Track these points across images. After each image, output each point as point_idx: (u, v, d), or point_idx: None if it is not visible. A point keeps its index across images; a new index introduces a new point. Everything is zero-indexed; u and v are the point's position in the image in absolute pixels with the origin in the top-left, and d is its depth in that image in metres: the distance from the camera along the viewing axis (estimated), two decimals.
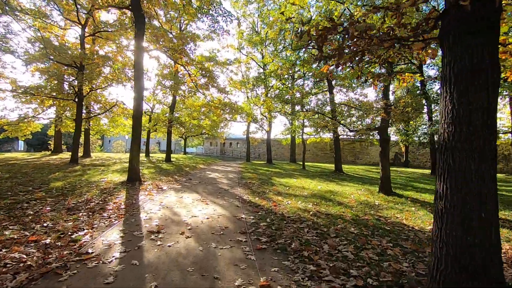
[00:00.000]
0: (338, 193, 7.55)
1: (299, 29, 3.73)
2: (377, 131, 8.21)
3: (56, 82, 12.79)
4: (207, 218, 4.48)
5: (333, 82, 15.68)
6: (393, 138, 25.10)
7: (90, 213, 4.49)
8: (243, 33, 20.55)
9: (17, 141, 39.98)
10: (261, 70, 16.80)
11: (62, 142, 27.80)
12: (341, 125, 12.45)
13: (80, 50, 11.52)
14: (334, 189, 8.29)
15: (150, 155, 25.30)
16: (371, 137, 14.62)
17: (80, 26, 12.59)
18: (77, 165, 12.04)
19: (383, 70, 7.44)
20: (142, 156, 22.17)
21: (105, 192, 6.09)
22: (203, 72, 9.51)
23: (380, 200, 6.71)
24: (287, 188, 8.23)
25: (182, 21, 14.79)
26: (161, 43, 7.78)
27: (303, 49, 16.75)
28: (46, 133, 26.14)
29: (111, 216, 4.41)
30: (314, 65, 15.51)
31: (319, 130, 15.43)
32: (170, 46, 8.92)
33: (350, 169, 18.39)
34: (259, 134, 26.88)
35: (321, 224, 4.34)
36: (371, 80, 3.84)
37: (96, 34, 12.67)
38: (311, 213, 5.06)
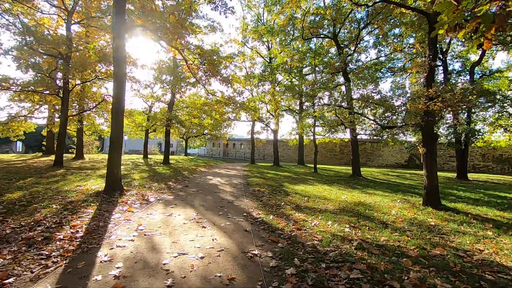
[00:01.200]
0: (372, 207, 5.90)
1: None
2: (418, 127, 6.55)
3: (40, 75, 11.40)
4: (202, 258, 2.89)
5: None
6: (407, 138, 23.17)
7: (24, 247, 2.94)
8: (247, 27, 19.07)
9: (15, 141, 39.12)
10: (267, 68, 15.22)
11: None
12: (362, 123, 10.82)
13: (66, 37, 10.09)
14: (364, 200, 6.64)
15: (149, 156, 23.89)
16: (395, 136, 12.96)
17: (66, 13, 11.22)
18: (61, 169, 10.60)
19: None
20: (139, 158, 20.75)
21: (68, 208, 4.55)
22: (204, 61, 7.94)
23: (434, 218, 5.05)
24: (306, 199, 6.61)
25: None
26: (149, 18, 6.26)
27: (314, 39, 15.16)
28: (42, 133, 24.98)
29: (53, 253, 2.85)
30: (326, 59, 13.92)
31: (332, 129, 13.80)
32: (161, 24, 7.34)
33: (365, 172, 16.67)
34: (264, 135, 25.28)
35: (381, 269, 2.72)
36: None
37: (83, 21, 11.26)
38: (354, 244, 3.44)
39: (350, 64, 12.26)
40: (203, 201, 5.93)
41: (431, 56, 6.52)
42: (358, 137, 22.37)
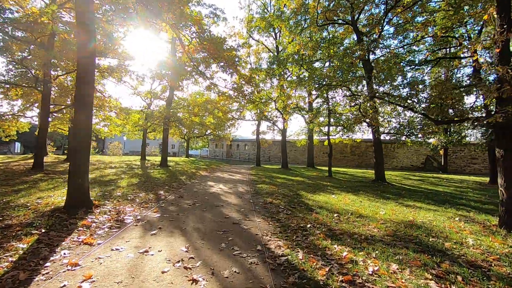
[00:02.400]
0: (431, 230, 4.25)
1: None
2: (491, 122, 4.86)
3: (15, 65, 10.00)
4: None
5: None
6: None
7: None
8: (252, 18, 17.54)
9: (14, 142, 38.17)
10: (275, 60, 13.62)
11: (52, 143, 25.39)
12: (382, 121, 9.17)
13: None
14: (414, 219, 4.98)
15: (148, 158, 22.45)
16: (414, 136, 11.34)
17: None
18: (39, 173, 9.15)
19: None
20: (137, 160, 19.31)
21: None
22: (204, 42, 6.36)
23: None
24: (336, 216, 4.97)
25: None
26: None
27: (328, 29, 13.53)
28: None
29: None
30: (342, 48, 12.27)
31: (351, 127, 12.14)
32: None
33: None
34: (269, 135, 23.68)
35: None
36: None
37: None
38: None
39: (374, 51, 10.60)
40: (199, 221, 4.34)
41: (504, 26, 4.86)
42: (368, 137, 20.64)
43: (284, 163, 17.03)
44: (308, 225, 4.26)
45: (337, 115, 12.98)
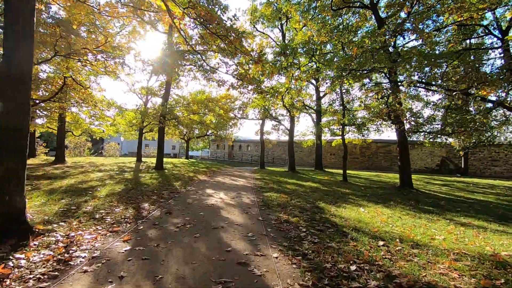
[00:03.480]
0: None
1: None
2: None
3: None
4: None
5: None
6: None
7: None
8: (256, 8, 16.15)
9: None
10: (284, 49, 12.16)
11: (45, 144, 24.15)
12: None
13: None
14: (497, 251, 3.49)
15: (144, 159, 21.09)
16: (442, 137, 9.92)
17: None
18: None
19: None
20: (131, 162, 17.95)
21: None
22: (199, 17, 4.93)
23: None
24: (383, 246, 3.49)
25: None
26: None
27: (343, 16, 12.06)
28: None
29: None
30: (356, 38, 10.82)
31: (371, 124, 10.67)
32: None
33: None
34: (273, 135, 22.20)
35: None
36: None
37: None
38: None
39: (403, 35, 9.09)
40: (187, 260, 2.88)
41: None
42: (379, 138, 18.98)
43: (291, 165, 15.56)
44: (353, 267, 2.79)
45: (353, 112, 11.49)
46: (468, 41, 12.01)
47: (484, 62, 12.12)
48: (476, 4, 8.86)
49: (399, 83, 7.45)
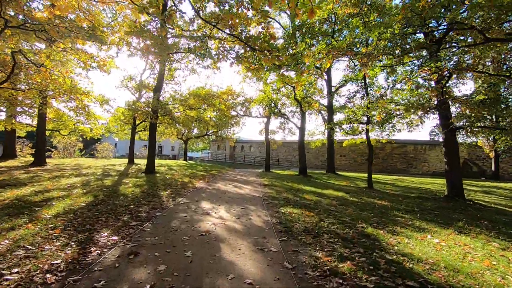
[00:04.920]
0: None
1: None
2: None
3: None
4: None
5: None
6: (461, 138, 17.56)
7: None
8: None
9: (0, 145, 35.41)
10: (299, 29, 10.23)
11: (31, 145, 22.31)
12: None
13: None
14: None
15: (137, 161, 19.18)
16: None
17: None
18: None
19: None
20: (122, 164, 16.06)
21: None
22: None
23: None
24: None
25: None
26: None
27: None
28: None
29: None
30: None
31: (409, 115, 8.76)
32: None
33: (424, 184, 11.36)
34: (279, 135, 20.32)
35: None
36: None
37: None
38: None
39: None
40: None
41: None
42: (395, 138, 16.94)
43: (303, 168, 13.59)
44: None
45: (384, 103, 9.52)
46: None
47: None
48: None
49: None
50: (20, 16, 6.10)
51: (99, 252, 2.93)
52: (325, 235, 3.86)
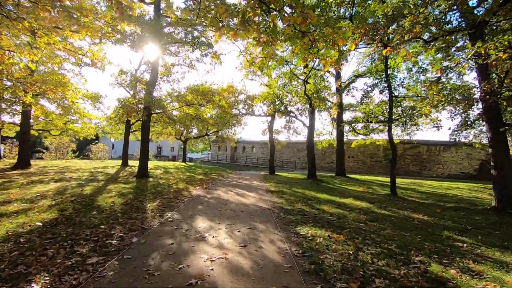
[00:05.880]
0: None
1: None
2: None
3: None
4: None
5: None
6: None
7: None
8: None
9: None
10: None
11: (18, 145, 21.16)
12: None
13: None
14: None
15: (132, 164, 17.97)
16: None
17: None
18: None
19: None
20: (115, 167, 14.81)
21: None
22: None
23: None
24: None
25: None
26: None
27: None
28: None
29: None
30: None
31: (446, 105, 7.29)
32: None
33: (436, 188, 10.01)
34: (282, 136, 18.99)
35: None
36: None
37: None
38: None
39: None
40: None
41: None
42: (406, 137, 15.53)
43: (312, 172, 12.29)
44: None
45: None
46: None
47: None
48: None
49: None
50: None
51: None
52: (376, 279, 2.58)
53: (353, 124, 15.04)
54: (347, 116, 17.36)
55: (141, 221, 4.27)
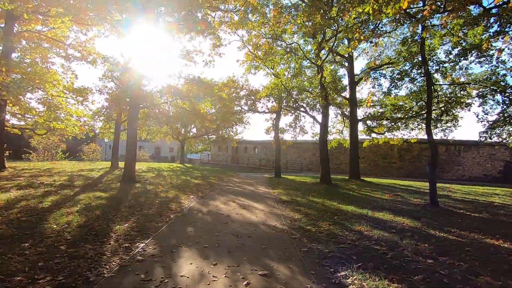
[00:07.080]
0: None
1: None
2: None
3: None
4: None
5: None
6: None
7: None
8: None
9: None
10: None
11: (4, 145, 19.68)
12: None
13: None
14: None
15: (121, 166, 16.41)
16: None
17: None
18: None
19: None
20: (102, 169, 13.28)
21: None
22: None
23: None
24: None
25: None
26: None
27: None
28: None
29: None
30: None
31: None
32: None
33: (491, 197, 8.38)
34: (288, 135, 17.34)
35: None
36: None
37: None
38: None
39: None
40: None
41: None
42: (420, 136, 13.82)
43: (326, 175, 10.64)
44: None
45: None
46: None
47: None
48: None
49: None
50: None
51: None
52: None
53: (373, 121, 13.44)
54: (365, 111, 15.70)
55: (89, 263, 2.67)
